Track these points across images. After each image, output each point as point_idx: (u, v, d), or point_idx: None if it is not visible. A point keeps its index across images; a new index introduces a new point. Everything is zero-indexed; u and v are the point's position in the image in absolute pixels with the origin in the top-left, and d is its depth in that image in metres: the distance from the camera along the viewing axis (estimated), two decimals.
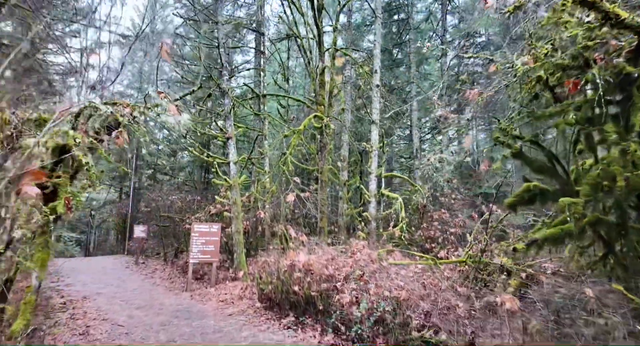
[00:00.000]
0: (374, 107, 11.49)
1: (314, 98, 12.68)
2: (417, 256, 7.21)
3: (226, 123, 10.63)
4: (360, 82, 12.88)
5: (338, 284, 5.40)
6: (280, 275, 6.72)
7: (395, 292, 4.63)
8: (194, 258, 9.21)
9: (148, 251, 17.68)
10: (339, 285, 5.40)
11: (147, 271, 12.43)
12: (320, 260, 6.09)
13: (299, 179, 10.16)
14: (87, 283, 9.80)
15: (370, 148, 11.29)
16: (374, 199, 11.19)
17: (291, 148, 10.31)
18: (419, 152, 16.20)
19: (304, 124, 10.68)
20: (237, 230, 10.20)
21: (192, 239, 9.24)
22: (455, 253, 8.97)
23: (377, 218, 11.42)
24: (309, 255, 6.65)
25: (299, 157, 13.92)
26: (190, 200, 15.84)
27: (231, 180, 10.44)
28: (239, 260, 10.13)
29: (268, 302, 7.02)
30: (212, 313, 6.72)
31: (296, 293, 5.91)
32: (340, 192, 13.87)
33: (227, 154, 11.01)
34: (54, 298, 7.18)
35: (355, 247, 7.35)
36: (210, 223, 9.70)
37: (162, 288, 9.37)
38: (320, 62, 12.70)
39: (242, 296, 7.96)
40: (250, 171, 15.91)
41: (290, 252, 6.48)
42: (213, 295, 8.33)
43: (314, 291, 5.55)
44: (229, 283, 9.47)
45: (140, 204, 20.63)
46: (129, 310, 6.70)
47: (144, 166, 29.83)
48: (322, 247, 7.73)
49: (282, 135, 10.50)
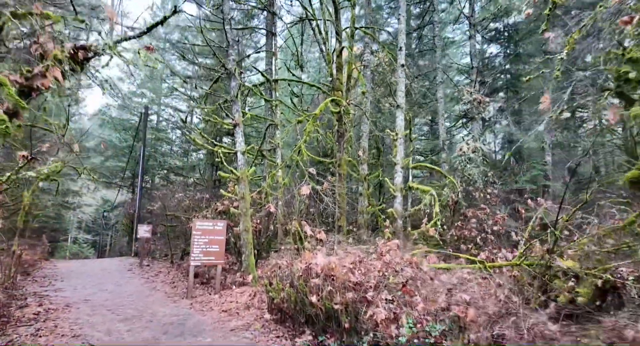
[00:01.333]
0: (399, 90, 10.15)
1: (331, 84, 11.45)
2: (462, 258, 5.86)
3: (233, 108, 9.47)
4: (382, 64, 11.56)
5: (369, 295, 4.11)
6: (293, 280, 5.47)
7: (457, 309, 3.32)
8: (195, 260, 8.05)
9: (156, 252, 16.73)
10: (370, 295, 4.10)
11: (149, 274, 11.37)
12: (343, 263, 4.81)
13: (315, 170, 8.91)
14: (79, 287, 8.76)
15: (395, 136, 9.95)
16: (399, 193, 9.84)
17: (306, 136, 9.08)
18: (446, 144, 14.75)
19: (320, 108, 9.44)
20: (245, 229, 9.00)
21: (194, 238, 8.08)
22: (498, 254, 7.56)
23: (405, 216, 10.07)
24: (328, 256, 5.38)
25: (314, 147, 12.66)
26: (199, 198, 14.79)
27: (239, 173, 9.26)
28: (247, 262, 8.93)
29: (279, 314, 5.77)
30: (211, 327, 5.52)
31: (314, 305, 4.65)
32: (360, 187, 12.57)
33: (235, 144, 9.84)
34: (30, 307, 6.10)
35: (382, 247, 6.03)
36: (215, 221, 8.52)
37: (161, 294, 8.24)
38: (337, 42, 11.47)
39: (249, 305, 6.74)
40: (257, 164, 14.74)
41: (306, 253, 5.22)
42: (216, 303, 7.15)
43: (337, 303, 4.27)
44: (235, 289, 8.28)
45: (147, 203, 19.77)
46: (112, 322, 5.55)
47: (157, 167, 29.15)
48: (343, 247, 6.46)
49: (296, 121, 9.27)
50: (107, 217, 35.55)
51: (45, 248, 16.32)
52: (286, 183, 9.13)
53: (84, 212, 38.87)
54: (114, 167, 29.06)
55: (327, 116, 10.62)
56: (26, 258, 10.81)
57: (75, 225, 40.15)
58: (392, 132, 10.13)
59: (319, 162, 12.25)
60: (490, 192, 11.44)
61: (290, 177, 9.33)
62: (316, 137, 9.78)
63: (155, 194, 17.52)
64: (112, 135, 30.47)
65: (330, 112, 9.78)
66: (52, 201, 24.56)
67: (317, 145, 12.53)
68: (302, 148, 9.07)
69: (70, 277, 10.42)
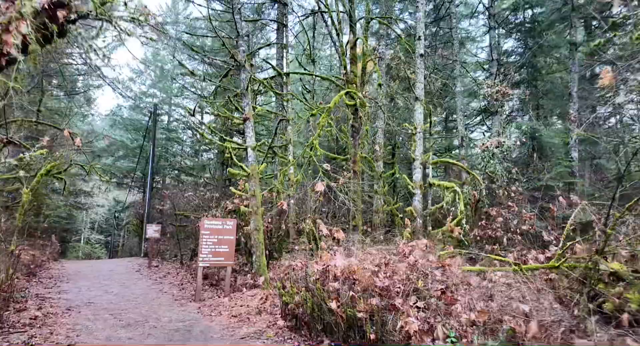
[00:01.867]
0: (418, 81, 9.58)
1: (344, 77, 10.93)
2: (496, 260, 5.28)
3: (243, 101, 9.03)
4: (398, 55, 11.00)
5: (397, 301, 3.58)
6: (308, 284, 4.98)
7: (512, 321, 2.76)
8: (204, 261, 7.60)
9: (166, 253, 16.42)
10: (399, 302, 3.57)
11: (158, 275, 11.00)
12: (365, 265, 4.29)
13: (329, 166, 8.41)
14: (83, 289, 8.41)
15: (414, 130, 9.38)
16: (418, 191, 9.26)
17: (319, 130, 8.58)
18: (465, 141, 14.09)
19: (334, 101, 8.93)
20: (256, 228, 8.54)
21: (202, 238, 7.64)
22: (527, 256, 6.93)
23: (425, 214, 9.48)
24: (348, 257, 4.87)
25: (327, 144, 12.14)
26: (209, 197, 14.42)
27: (249, 169, 8.81)
28: (258, 263, 8.46)
29: (294, 320, 5.27)
30: (219, 334, 5.04)
31: (333, 312, 4.14)
32: (375, 185, 12.01)
33: (245, 140, 9.40)
34: (28, 310, 5.73)
35: (405, 248, 5.49)
36: (224, 220, 8.08)
37: (168, 297, 7.82)
38: (351, 33, 10.96)
39: (261, 310, 6.26)
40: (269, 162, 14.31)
41: (324, 254, 4.71)
42: (225, 307, 6.69)
43: (360, 310, 3.75)
44: (246, 292, 7.82)
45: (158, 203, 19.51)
46: (113, 328, 5.13)
47: (168, 167, 29.00)
48: (362, 248, 5.93)
49: (308, 114, 8.78)
50: (118, 217, 35.63)
51: (55, 248, 16.14)
52: (299, 180, 8.63)
53: (96, 213, 39.08)
54: (126, 167, 29.01)
55: (341, 109, 10.10)
56: (32, 259, 10.55)
57: (88, 226, 40.41)
58: (410, 126, 9.56)
59: (332, 158, 11.74)
60: (514, 189, 10.78)
61: (303, 173, 8.84)
62: (330, 131, 9.28)
63: (164, 193, 17.20)
64: (123, 136, 30.47)
65: (345, 105, 9.25)
66: (64, 201, 24.57)
67: (330, 140, 12.01)
68: (315, 143, 8.57)
69: (77, 278, 10.10)
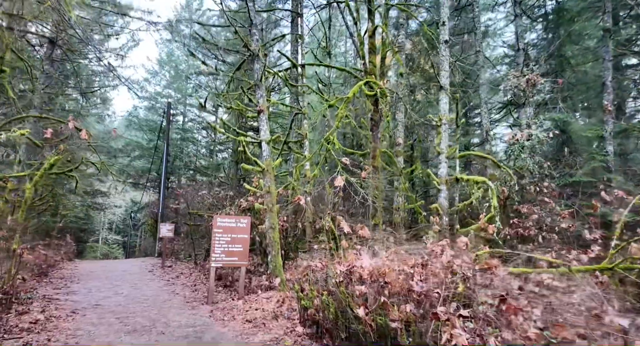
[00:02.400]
0: (443, 69, 8.95)
1: (363, 67, 10.37)
2: (544, 261, 4.65)
3: (257, 93, 8.58)
4: (421, 42, 10.38)
5: (439, 309, 3.01)
6: (330, 286, 4.45)
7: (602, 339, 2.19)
8: (216, 261, 7.15)
9: (180, 253, 16.14)
10: (441, 310, 3.01)
11: (170, 276, 10.64)
12: (395, 265, 3.73)
13: (348, 160, 7.85)
14: (93, 290, 8.07)
15: (439, 122, 8.75)
16: (444, 187, 8.63)
17: (337, 122, 8.04)
18: (490, 135, 13.33)
19: (353, 91, 8.38)
20: (271, 226, 8.06)
21: (215, 236, 7.19)
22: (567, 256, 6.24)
23: (452, 212, 8.84)
24: (374, 257, 4.32)
25: (344, 138, 11.60)
26: (223, 196, 14.05)
27: (263, 164, 8.34)
28: (274, 263, 7.98)
29: (314, 327, 4.75)
30: (232, 342, 4.56)
31: (360, 320, 3.59)
32: (396, 181, 11.40)
33: (259, 133, 8.93)
34: (30, 313, 5.36)
35: (435, 247, 4.90)
36: (238, 217, 7.61)
37: (179, 299, 7.40)
38: (370, 22, 10.39)
39: (277, 314, 5.76)
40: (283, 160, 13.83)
41: (348, 254, 4.17)
42: (239, 311, 6.21)
43: (394, 319, 3.20)
44: (261, 294, 7.34)
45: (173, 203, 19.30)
46: (117, 334, 4.70)
47: (183, 167, 28.95)
48: (386, 247, 5.37)
49: (326, 105, 8.26)
50: (135, 217, 35.87)
51: (70, 248, 16.05)
52: (316, 175, 8.11)
53: (113, 213, 39.50)
54: (142, 167, 29.08)
55: (360, 100, 9.54)
56: (44, 258, 10.32)
57: (105, 226, 40.88)
58: (435, 117, 8.93)
59: (350, 153, 11.18)
60: (546, 185, 10.02)
61: (320, 168, 8.31)
62: (349, 122, 8.73)
63: (178, 191, 16.94)
64: (138, 136, 30.60)
65: (365, 95, 8.69)
66: (81, 202, 24.69)
67: (346, 137, 11.47)
68: (334, 136, 8.04)
69: (88, 279, 9.82)
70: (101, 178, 25.79)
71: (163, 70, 32.28)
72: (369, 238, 5.03)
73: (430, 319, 3.03)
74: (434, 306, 3.20)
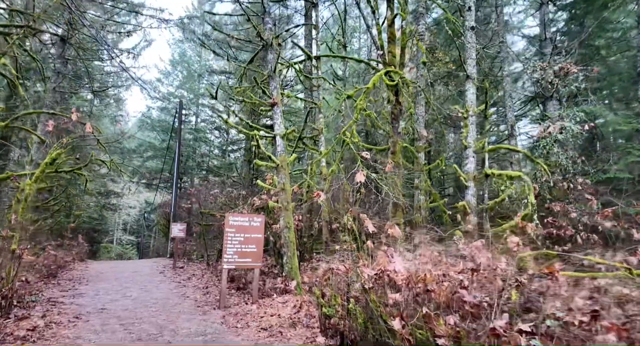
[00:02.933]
0: (469, 57, 8.34)
1: (381, 58, 9.81)
2: (601, 264, 4.04)
3: (271, 85, 8.12)
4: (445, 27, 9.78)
5: (498, 324, 2.46)
6: (355, 292, 3.93)
7: None
8: (229, 262, 6.69)
9: (193, 253, 15.81)
10: (501, 325, 2.45)
11: (182, 277, 10.26)
12: (436, 270, 3.18)
13: (368, 155, 7.31)
14: (101, 292, 7.71)
15: (465, 113, 8.14)
16: (472, 183, 8.01)
17: (357, 113, 7.51)
18: (515, 130, 12.62)
19: (373, 81, 7.85)
20: (286, 225, 7.57)
21: (227, 236, 6.73)
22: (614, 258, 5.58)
23: (482, 209, 8.20)
24: (407, 259, 3.77)
25: (361, 133, 11.09)
26: (236, 195, 13.66)
27: (278, 160, 7.86)
28: (290, 265, 7.49)
29: (337, 338, 4.22)
30: None
31: (395, 334, 3.06)
32: (416, 179, 10.80)
33: (273, 128, 8.46)
34: (29, 319, 4.97)
35: (471, 249, 4.33)
36: (251, 216, 7.14)
37: (190, 303, 6.96)
38: (389, 10, 9.84)
39: (295, 321, 5.26)
40: (298, 158, 13.38)
41: (378, 255, 3.64)
42: (254, 317, 5.73)
43: (440, 335, 2.66)
44: (276, 298, 6.85)
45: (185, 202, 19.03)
46: (121, 342, 4.26)
47: (195, 167, 28.78)
48: (413, 248, 4.81)
49: (344, 95, 7.74)
50: (148, 218, 35.92)
51: (82, 248, 15.86)
52: (334, 171, 7.59)
53: (128, 214, 39.72)
54: (155, 167, 29.05)
55: (380, 92, 9.00)
56: (54, 259, 10.05)
57: (120, 227, 41.14)
58: (460, 109, 8.33)
59: (368, 149, 10.63)
60: (581, 182, 9.30)
61: (338, 164, 7.79)
62: (366, 116, 8.20)
63: (190, 191, 16.63)
64: (150, 136, 30.60)
65: (386, 86, 8.14)
66: (95, 202, 24.67)
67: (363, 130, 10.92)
68: (353, 128, 7.51)
69: (97, 280, 9.49)
70: (114, 178, 25.81)
71: (176, 70, 32.27)
72: (401, 239, 4.48)
73: (488, 336, 2.48)
74: (488, 319, 2.64)
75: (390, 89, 8.30)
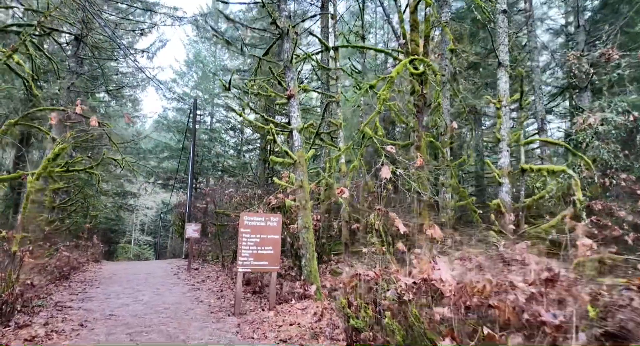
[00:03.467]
0: (502, 43, 7.68)
1: (403, 48, 9.22)
2: None
3: (287, 76, 7.63)
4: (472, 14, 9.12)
5: None
6: (387, 301, 3.39)
7: None
8: (244, 265, 6.23)
9: (208, 254, 15.49)
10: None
11: (196, 280, 9.87)
12: (497, 280, 2.61)
13: (393, 149, 6.74)
14: (112, 296, 7.36)
15: (498, 104, 7.49)
16: (506, 179, 7.35)
17: (380, 105, 6.95)
18: (545, 123, 11.82)
19: (396, 69, 7.26)
20: (305, 225, 7.07)
21: (242, 237, 6.27)
22: None
23: (519, 207, 7.52)
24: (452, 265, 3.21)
25: (384, 124, 10.53)
26: (251, 194, 13.25)
27: (295, 155, 7.37)
28: (309, 268, 6.99)
29: None
30: None
31: None
32: (442, 175, 10.16)
33: (289, 121, 7.98)
34: (30, 327, 4.60)
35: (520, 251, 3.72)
36: (267, 215, 6.66)
37: (203, 308, 6.53)
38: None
39: (317, 332, 4.74)
40: (314, 155, 12.87)
41: (422, 261, 3.09)
42: (271, 325, 5.24)
43: None
44: (295, 304, 6.36)
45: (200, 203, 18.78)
46: None
47: (211, 168, 28.63)
48: (447, 252, 4.23)
49: (365, 85, 7.19)
50: (165, 218, 36.03)
51: (98, 249, 15.73)
52: (355, 166, 7.04)
53: (145, 215, 39.99)
54: (171, 168, 29.04)
55: (403, 84, 8.41)
56: (67, 261, 9.80)
57: (137, 227, 41.45)
58: (492, 99, 7.68)
59: (390, 144, 10.04)
60: (625, 177, 8.51)
61: (360, 159, 7.24)
62: (394, 105, 7.63)
63: (204, 190, 16.32)
64: (166, 137, 30.63)
65: (410, 75, 7.55)
66: (112, 203, 24.73)
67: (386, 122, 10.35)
68: (376, 120, 6.96)
69: (110, 282, 9.18)
70: (131, 179, 25.84)
71: (190, 71, 32.24)
72: (441, 241, 3.92)
73: None
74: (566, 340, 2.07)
75: (415, 79, 7.70)
